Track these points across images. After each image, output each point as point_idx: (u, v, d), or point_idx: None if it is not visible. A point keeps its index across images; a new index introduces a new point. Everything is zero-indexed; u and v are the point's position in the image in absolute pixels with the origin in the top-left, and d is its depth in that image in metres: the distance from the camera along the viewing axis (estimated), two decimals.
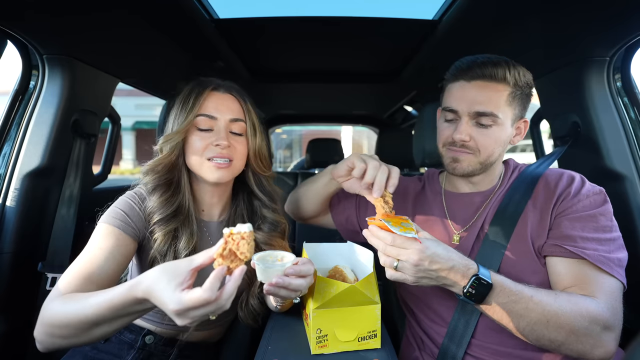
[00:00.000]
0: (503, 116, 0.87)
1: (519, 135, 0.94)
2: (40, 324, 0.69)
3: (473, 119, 0.88)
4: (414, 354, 0.97)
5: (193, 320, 0.59)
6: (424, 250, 0.70)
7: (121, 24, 1.11)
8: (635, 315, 1.10)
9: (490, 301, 0.73)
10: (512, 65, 0.87)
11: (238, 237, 0.62)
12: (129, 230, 0.84)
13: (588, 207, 0.82)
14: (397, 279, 0.74)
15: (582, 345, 0.70)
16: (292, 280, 0.70)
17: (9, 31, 1.03)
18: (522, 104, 0.91)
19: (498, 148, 0.90)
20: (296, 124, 4.04)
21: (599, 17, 0.98)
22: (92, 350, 0.93)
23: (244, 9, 1.26)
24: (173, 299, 0.57)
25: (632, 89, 1.20)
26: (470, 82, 0.88)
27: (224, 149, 0.89)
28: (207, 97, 0.91)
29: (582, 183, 0.87)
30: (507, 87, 0.87)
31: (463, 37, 1.25)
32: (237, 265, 0.62)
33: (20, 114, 1.20)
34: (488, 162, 0.91)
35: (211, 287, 0.57)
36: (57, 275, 1.19)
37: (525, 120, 0.94)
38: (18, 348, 1.13)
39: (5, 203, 1.15)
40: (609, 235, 0.80)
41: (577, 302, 0.72)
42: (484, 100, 0.86)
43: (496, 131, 0.88)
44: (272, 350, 0.80)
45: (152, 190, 0.89)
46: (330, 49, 1.58)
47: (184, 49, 1.41)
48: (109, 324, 0.66)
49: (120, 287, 0.64)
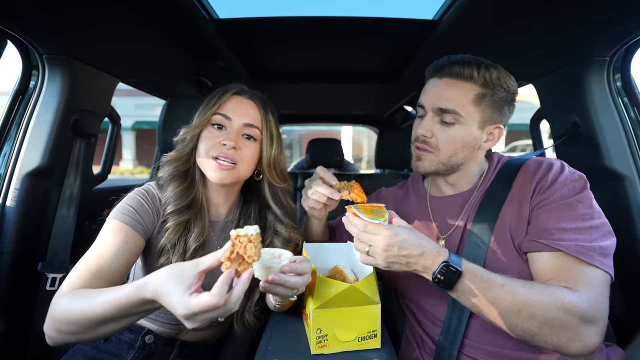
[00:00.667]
0: (467, 116, 0.86)
1: (491, 142, 0.91)
2: (50, 319, 0.70)
3: (437, 116, 0.89)
4: (414, 353, 0.97)
5: (202, 323, 0.60)
6: (393, 236, 0.73)
7: (121, 24, 1.11)
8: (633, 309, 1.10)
9: (459, 288, 0.73)
10: (485, 66, 0.86)
11: (245, 240, 0.62)
12: (138, 226, 0.85)
13: (566, 196, 0.79)
14: (370, 263, 0.78)
15: (557, 337, 0.69)
16: (288, 277, 0.71)
17: (9, 31, 1.03)
18: (496, 108, 0.87)
19: (462, 150, 0.88)
20: (296, 124, 4.04)
21: (599, 17, 0.98)
22: (92, 350, 0.93)
23: (243, 9, 1.26)
24: (181, 303, 0.57)
25: (632, 89, 1.20)
26: (441, 79, 0.89)
27: (230, 149, 0.89)
28: (228, 98, 0.94)
29: (560, 170, 0.84)
30: (474, 86, 0.85)
31: (463, 37, 1.25)
32: (245, 269, 0.62)
33: (20, 114, 1.20)
34: (451, 163, 0.90)
35: (219, 292, 0.57)
36: (57, 275, 1.20)
37: (500, 127, 0.90)
38: (18, 348, 1.13)
39: (5, 203, 1.15)
40: (589, 223, 0.77)
41: (552, 293, 0.70)
42: (448, 97, 0.86)
43: (458, 130, 0.87)
44: (272, 350, 0.80)
45: (169, 181, 0.91)
46: (330, 49, 1.59)
47: (183, 49, 1.41)
48: (116, 322, 0.67)
49: (127, 287, 0.64)
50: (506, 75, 0.88)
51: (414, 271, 0.77)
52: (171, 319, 0.95)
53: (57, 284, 1.19)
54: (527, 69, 1.44)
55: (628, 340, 0.44)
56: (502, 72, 0.87)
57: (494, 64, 0.88)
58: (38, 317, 1.16)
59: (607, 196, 1.19)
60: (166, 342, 0.97)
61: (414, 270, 0.77)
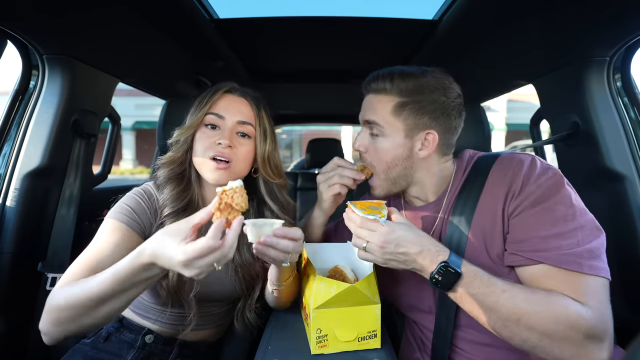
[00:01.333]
0: (387, 127, 0.86)
1: (427, 149, 0.87)
2: (46, 313, 0.71)
3: (368, 129, 0.91)
4: (415, 354, 0.97)
5: (200, 270, 0.61)
6: (389, 233, 0.73)
7: (121, 24, 1.11)
8: (633, 309, 1.10)
9: (458, 290, 0.71)
10: (399, 77, 0.85)
11: (231, 192, 0.66)
12: (135, 226, 0.86)
13: (542, 198, 0.73)
14: (367, 259, 0.78)
15: (560, 351, 0.64)
16: (280, 240, 0.73)
17: (9, 31, 1.03)
18: (423, 114, 0.84)
19: (395, 162, 0.87)
20: (296, 124, 4.03)
21: (599, 17, 0.98)
22: (92, 350, 0.93)
23: (243, 9, 1.26)
24: (178, 250, 0.60)
25: (632, 89, 1.20)
26: (367, 95, 0.93)
27: (225, 148, 0.90)
28: (220, 97, 0.95)
29: (530, 169, 0.77)
30: (391, 97, 0.86)
31: (463, 37, 1.25)
32: (234, 217, 0.66)
33: (20, 114, 1.20)
34: (394, 178, 0.89)
35: (214, 236, 0.60)
36: (57, 275, 1.19)
37: (431, 132, 0.86)
38: (18, 348, 1.13)
39: (5, 203, 1.15)
40: (572, 224, 0.70)
41: (554, 303, 0.65)
42: (370, 109, 0.90)
43: (383, 142, 0.88)
44: (272, 350, 0.80)
45: (164, 183, 0.92)
46: (330, 49, 1.58)
47: (183, 48, 1.41)
48: (117, 298, 0.67)
49: (124, 260, 0.66)
50: (433, 79, 0.85)
51: (412, 269, 0.76)
52: (171, 318, 0.95)
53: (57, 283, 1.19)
54: (527, 69, 1.44)
55: (628, 340, 0.44)
56: (424, 82, 0.84)
57: (418, 72, 0.85)
58: (38, 317, 1.14)
59: (607, 196, 1.19)
60: (166, 342, 0.96)
61: (412, 269, 0.76)
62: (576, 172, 1.21)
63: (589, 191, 0.86)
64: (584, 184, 1.16)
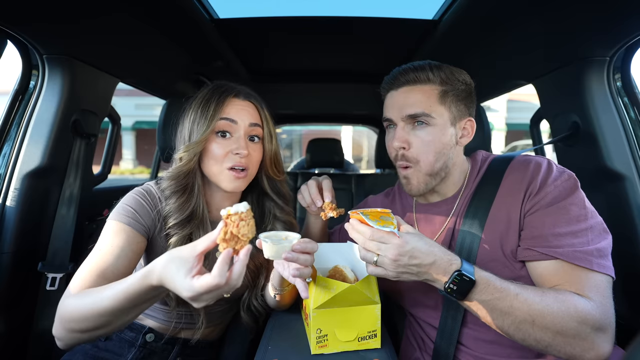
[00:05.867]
0: (437, 115, 0.86)
1: (467, 137, 0.91)
2: (59, 321, 0.71)
3: (408, 124, 0.88)
4: (415, 354, 0.97)
5: (208, 302, 0.61)
6: (403, 245, 0.69)
7: (121, 24, 1.11)
8: (633, 309, 1.10)
9: (473, 298, 0.70)
10: (436, 66, 0.87)
11: (237, 219, 0.62)
12: (139, 227, 0.85)
13: (558, 198, 0.77)
14: (378, 274, 0.73)
15: (572, 347, 0.67)
16: (300, 255, 0.72)
17: (9, 31, 1.03)
18: (460, 101, 0.88)
19: (442, 153, 0.87)
20: (296, 124, 4.03)
21: (599, 17, 0.98)
22: (93, 349, 0.93)
23: (243, 9, 1.26)
24: (185, 286, 0.59)
25: (632, 89, 1.20)
26: (398, 90, 0.90)
27: (243, 157, 0.90)
28: (228, 103, 0.92)
29: (548, 171, 0.81)
30: (434, 86, 0.86)
31: (463, 36, 1.25)
32: (242, 246, 0.62)
33: (20, 114, 1.20)
34: (437, 168, 0.88)
35: (220, 273, 0.58)
36: (57, 275, 1.20)
37: (471, 119, 0.91)
38: (18, 347, 1.13)
39: (5, 203, 1.15)
40: (584, 224, 0.75)
41: (565, 300, 0.68)
42: (413, 103, 0.86)
43: (432, 132, 0.86)
44: (272, 350, 0.80)
45: (170, 196, 0.90)
46: (330, 48, 1.58)
47: (183, 48, 1.41)
48: (127, 313, 0.68)
49: (133, 277, 0.65)
50: (455, 69, 0.89)
51: (425, 280, 0.73)
52: (177, 317, 0.95)
53: (57, 283, 1.19)
54: (527, 69, 1.44)
55: (628, 340, 0.44)
56: (450, 68, 0.89)
57: (440, 64, 0.89)
58: (38, 317, 1.16)
59: (607, 196, 1.19)
60: (167, 340, 0.97)
61: (424, 280, 0.73)
62: (576, 172, 1.20)
63: (589, 191, 0.86)
64: (584, 183, 1.16)
